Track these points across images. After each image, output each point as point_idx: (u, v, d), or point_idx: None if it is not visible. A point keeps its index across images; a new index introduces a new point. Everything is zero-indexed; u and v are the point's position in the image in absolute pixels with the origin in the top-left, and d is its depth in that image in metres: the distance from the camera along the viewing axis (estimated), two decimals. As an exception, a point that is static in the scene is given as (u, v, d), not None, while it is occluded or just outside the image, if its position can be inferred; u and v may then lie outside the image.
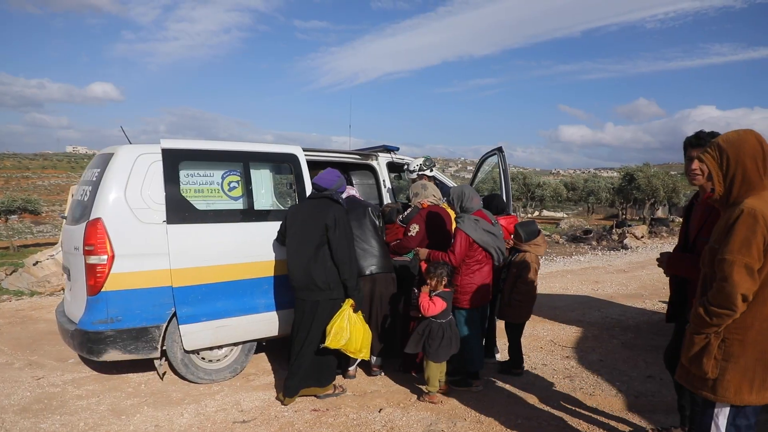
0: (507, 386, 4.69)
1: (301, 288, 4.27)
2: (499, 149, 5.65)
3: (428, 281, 4.31)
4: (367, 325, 4.33)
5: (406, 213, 5.07)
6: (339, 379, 4.66)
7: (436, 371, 4.29)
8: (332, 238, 4.19)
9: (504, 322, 4.99)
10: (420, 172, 5.56)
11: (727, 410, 2.29)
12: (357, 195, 5.28)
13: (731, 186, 2.31)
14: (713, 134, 3.13)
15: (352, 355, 4.24)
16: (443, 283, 4.26)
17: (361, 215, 4.85)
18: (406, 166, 6.01)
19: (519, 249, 4.90)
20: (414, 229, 4.75)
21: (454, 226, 4.62)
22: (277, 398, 4.42)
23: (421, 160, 5.64)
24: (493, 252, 4.52)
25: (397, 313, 4.93)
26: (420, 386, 4.57)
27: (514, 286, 4.80)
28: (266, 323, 4.81)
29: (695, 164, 2.69)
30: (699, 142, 3.14)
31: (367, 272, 4.71)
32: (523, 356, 5.07)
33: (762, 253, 2.16)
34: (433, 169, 5.71)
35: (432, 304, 4.19)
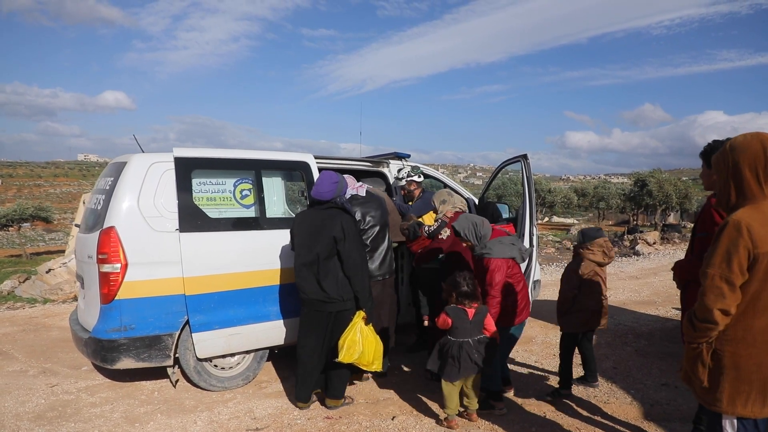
0: (520, 394, 4.65)
1: (313, 300, 4.18)
2: (524, 157, 5.56)
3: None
4: (378, 337, 4.24)
5: (433, 227, 5.09)
6: (349, 389, 4.60)
7: (450, 390, 3.95)
8: (342, 251, 4.07)
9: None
10: (408, 178, 5.77)
11: (735, 421, 2.22)
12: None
13: (729, 193, 2.24)
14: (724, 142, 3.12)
15: (364, 368, 4.13)
16: (455, 297, 3.94)
17: (385, 212, 4.87)
18: (396, 172, 6.14)
19: (576, 254, 4.64)
20: (445, 233, 4.86)
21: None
22: (294, 403, 4.41)
23: (409, 168, 5.85)
24: (520, 260, 4.27)
25: (393, 314, 5.04)
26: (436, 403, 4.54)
27: (561, 292, 4.58)
28: (279, 331, 4.82)
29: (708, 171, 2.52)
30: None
31: (380, 277, 4.71)
32: (571, 376, 4.64)
33: (744, 267, 2.10)
34: (421, 175, 5.92)
35: (437, 319, 4.01)
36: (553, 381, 4.98)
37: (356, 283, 4.14)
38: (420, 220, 5.42)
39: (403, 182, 5.83)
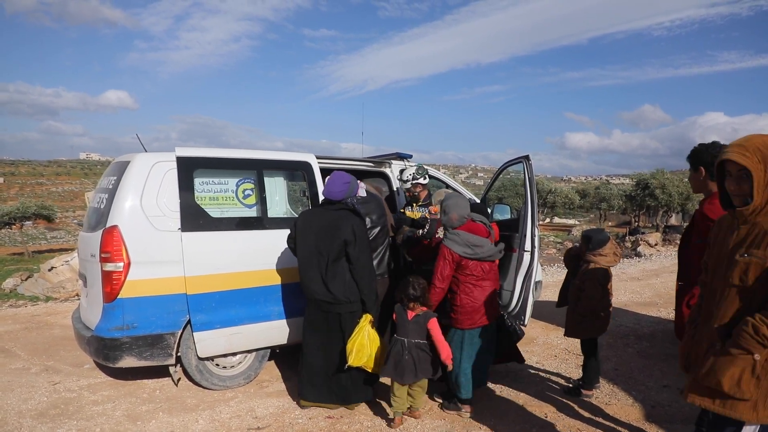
0: (522, 395, 4.65)
1: (319, 301, 4.14)
2: (526, 158, 5.49)
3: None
4: (381, 339, 4.21)
5: (426, 229, 5.09)
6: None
7: (398, 391, 4.03)
8: (352, 253, 4.04)
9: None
10: (414, 181, 5.53)
11: (756, 429, 2.17)
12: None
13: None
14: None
15: (370, 371, 4.13)
16: (405, 299, 4.03)
17: (385, 212, 4.85)
18: (399, 175, 5.98)
19: (585, 259, 4.51)
20: (441, 231, 4.83)
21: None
22: (297, 402, 4.38)
23: (413, 169, 5.57)
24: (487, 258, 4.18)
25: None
26: (436, 399, 4.55)
27: (578, 299, 4.47)
28: (280, 330, 4.83)
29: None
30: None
31: (379, 276, 4.73)
32: (598, 378, 4.70)
33: None
34: (427, 176, 5.67)
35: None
36: (555, 382, 5.00)
37: (364, 286, 4.12)
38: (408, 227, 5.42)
39: (408, 185, 5.67)
